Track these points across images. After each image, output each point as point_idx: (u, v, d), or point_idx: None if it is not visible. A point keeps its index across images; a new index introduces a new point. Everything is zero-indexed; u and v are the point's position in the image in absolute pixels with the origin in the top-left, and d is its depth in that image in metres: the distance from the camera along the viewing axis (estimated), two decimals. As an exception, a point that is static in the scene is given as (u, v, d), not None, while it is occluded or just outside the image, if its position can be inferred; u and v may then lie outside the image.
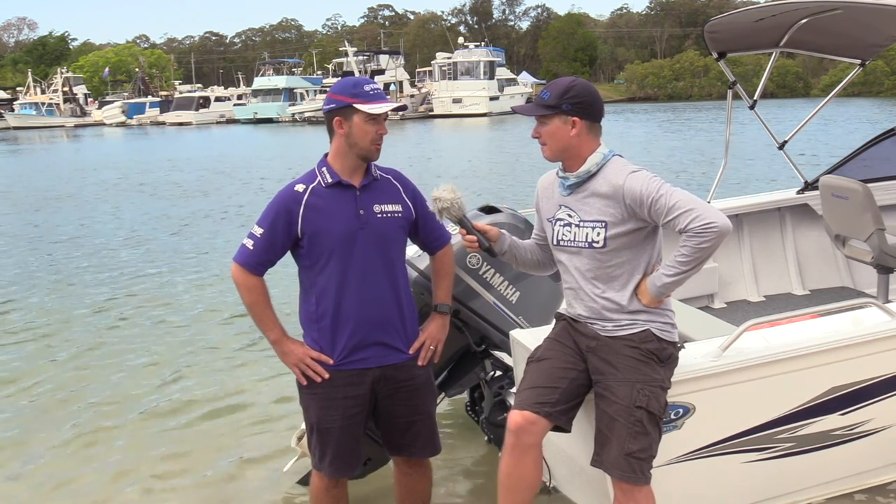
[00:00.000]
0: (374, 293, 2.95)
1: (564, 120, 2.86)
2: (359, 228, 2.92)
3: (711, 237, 2.69)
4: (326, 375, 2.98)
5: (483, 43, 74.28)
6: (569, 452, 3.32)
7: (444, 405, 4.65)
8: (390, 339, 3.01)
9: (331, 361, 2.98)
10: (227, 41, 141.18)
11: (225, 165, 25.72)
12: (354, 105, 2.87)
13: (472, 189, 16.15)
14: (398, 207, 3.02)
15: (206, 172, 23.59)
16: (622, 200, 2.81)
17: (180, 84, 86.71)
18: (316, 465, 3.12)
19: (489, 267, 3.62)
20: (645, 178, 2.79)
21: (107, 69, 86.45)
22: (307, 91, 67.05)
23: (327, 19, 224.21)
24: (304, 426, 3.26)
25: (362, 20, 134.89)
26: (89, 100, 78.88)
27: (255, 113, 64.70)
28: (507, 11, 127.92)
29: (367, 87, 2.90)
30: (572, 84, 2.88)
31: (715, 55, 5.44)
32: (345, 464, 3.08)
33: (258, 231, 2.95)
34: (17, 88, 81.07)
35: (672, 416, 3.05)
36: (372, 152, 2.94)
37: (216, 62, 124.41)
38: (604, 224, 2.85)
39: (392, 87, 61.03)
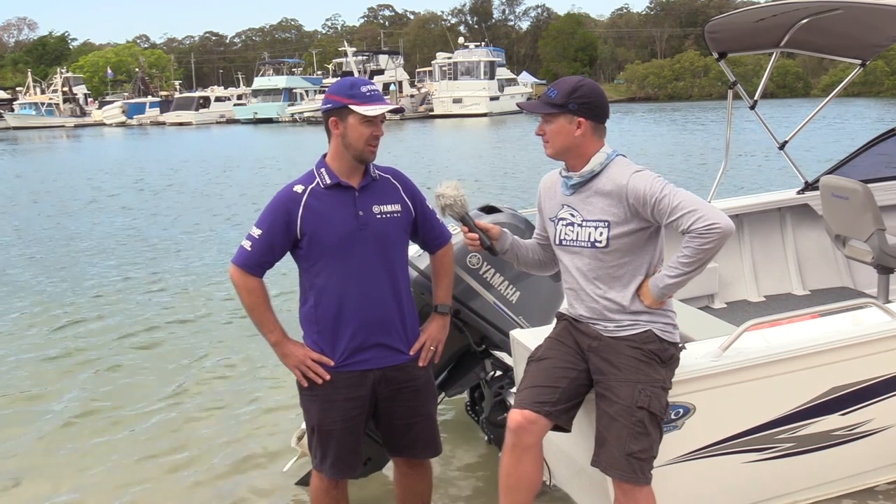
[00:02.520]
0: (374, 294, 2.95)
1: (570, 119, 2.85)
2: (358, 230, 2.91)
3: (714, 238, 2.69)
4: (327, 377, 2.97)
5: (483, 43, 74.27)
6: (569, 452, 3.32)
7: (444, 405, 4.65)
8: (391, 340, 3.01)
9: (331, 363, 2.97)
10: (227, 41, 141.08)
11: (261, 166, 25.40)
12: (350, 106, 2.86)
13: (472, 189, 16.14)
14: (397, 207, 3.01)
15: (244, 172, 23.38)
16: (625, 200, 2.80)
17: (179, 84, 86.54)
18: (317, 465, 3.11)
19: (489, 267, 3.61)
20: (648, 178, 2.79)
21: (109, 70, 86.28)
22: (306, 91, 67.02)
23: (327, 19, 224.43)
24: (303, 426, 3.26)
25: (362, 20, 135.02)
26: (89, 100, 78.80)
27: (255, 113, 64.67)
28: (507, 11, 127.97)
29: (363, 88, 2.88)
30: (580, 84, 2.87)
31: (715, 55, 5.44)
32: (345, 465, 3.08)
33: (256, 232, 2.94)
34: (17, 88, 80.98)
35: (672, 417, 3.05)
36: (367, 154, 2.92)
37: (216, 62, 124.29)
38: (606, 224, 2.85)
39: (392, 88, 61.00)
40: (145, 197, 18.17)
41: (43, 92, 75.62)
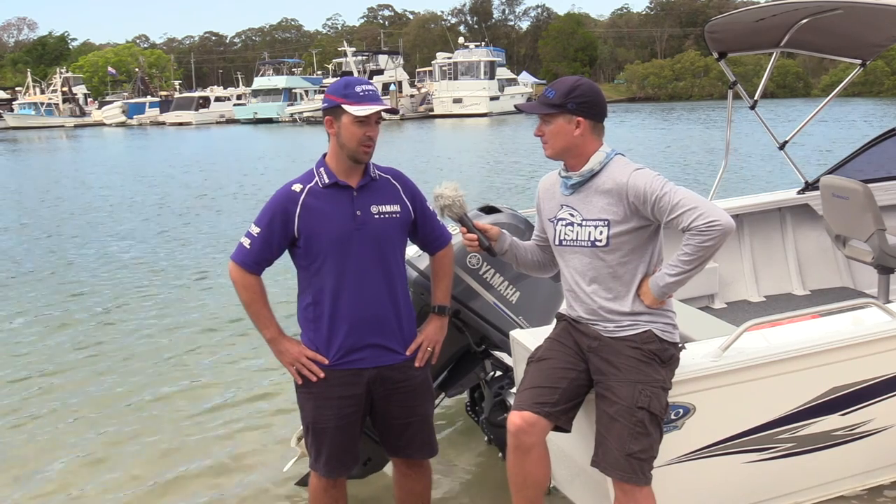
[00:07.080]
0: (370, 294, 2.95)
1: (569, 119, 2.85)
2: (355, 229, 2.91)
3: (715, 235, 2.68)
4: (322, 375, 2.97)
5: (483, 43, 74.20)
6: (569, 452, 3.32)
7: (444, 405, 4.65)
8: (386, 340, 3.00)
9: (326, 361, 2.97)
10: (227, 41, 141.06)
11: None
12: (343, 105, 2.86)
13: (471, 189, 16.12)
14: (396, 208, 3.01)
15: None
16: (625, 198, 2.80)
17: (179, 84, 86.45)
18: (312, 464, 3.12)
19: (489, 267, 3.61)
20: (648, 176, 2.78)
21: (112, 69, 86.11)
22: (306, 91, 66.94)
23: (327, 19, 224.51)
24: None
25: (362, 20, 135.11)
26: (89, 100, 78.72)
27: (255, 113, 64.63)
28: (507, 11, 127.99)
29: (357, 88, 2.88)
30: (577, 83, 2.87)
31: (715, 55, 5.44)
32: (340, 463, 3.08)
33: (255, 230, 2.95)
34: (17, 88, 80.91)
35: (672, 417, 3.05)
36: (360, 154, 2.92)
37: (216, 62, 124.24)
38: (606, 223, 2.84)
39: (392, 88, 60.98)
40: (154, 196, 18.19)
41: (42, 92, 75.54)
